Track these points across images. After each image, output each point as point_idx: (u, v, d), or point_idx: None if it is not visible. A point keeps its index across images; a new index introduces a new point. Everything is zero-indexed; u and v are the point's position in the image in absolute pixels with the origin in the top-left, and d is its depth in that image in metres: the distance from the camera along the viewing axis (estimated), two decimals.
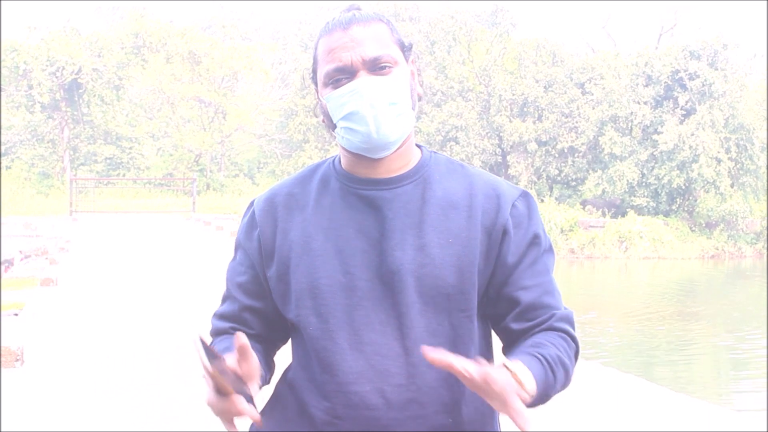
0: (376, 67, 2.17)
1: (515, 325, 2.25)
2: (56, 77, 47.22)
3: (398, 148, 2.23)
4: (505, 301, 2.25)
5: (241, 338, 1.95)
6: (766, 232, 42.29)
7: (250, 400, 2.01)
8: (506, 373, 1.96)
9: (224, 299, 2.40)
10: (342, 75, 2.17)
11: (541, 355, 2.12)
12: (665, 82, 43.90)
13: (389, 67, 2.19)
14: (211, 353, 1.94)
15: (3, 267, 20.51)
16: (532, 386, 2.02)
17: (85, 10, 68.69)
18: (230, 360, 1.99)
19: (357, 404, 2.16)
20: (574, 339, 2.24)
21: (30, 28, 51.04)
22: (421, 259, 2.18)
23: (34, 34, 50.41)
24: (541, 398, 2.08)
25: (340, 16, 2.25)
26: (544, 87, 45.86)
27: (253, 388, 2.02)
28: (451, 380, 2.17)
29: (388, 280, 2.18)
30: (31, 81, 46.57)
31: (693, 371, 16.32)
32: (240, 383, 1.98)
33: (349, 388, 2.17)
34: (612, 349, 17.69)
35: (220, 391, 1.98)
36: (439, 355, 1.92)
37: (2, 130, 48.11)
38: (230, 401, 1.98)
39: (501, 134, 45.25)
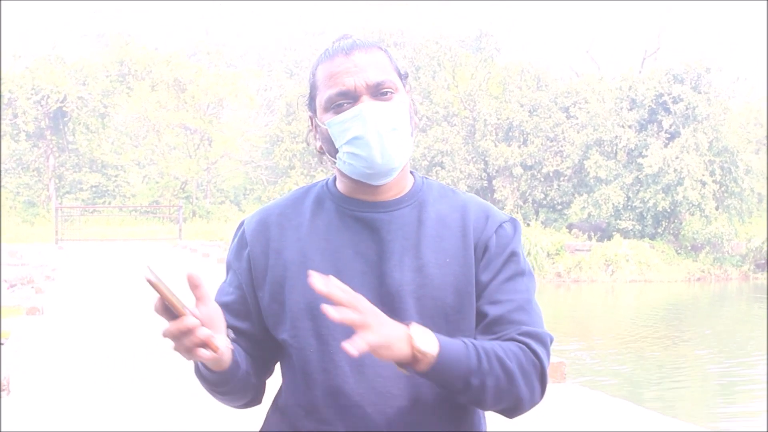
0: (378, 92, 2.18)
1: (481, 338, 2.19)
2: (41, 106, 47.21)
3: (397, 175, 2.24)
4: (477, 315, 2.23)
5: (193, 275, 1.99)
6: (752, 254, 42.33)
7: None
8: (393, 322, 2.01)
9: None
10: (344, 100, 2.17)
11: (471, 342, 2.09)
12: (649, 106, 44.03)
13: (391, 92, 2.19)
14: (166, 287, 1.94)
15: None
16: (429, 347, 2.00)
17: (70, 38, 68.72)
18: (188, 304, 1.99)
19: (359, 427, 2.15)
20: (535, 353, 2.15)
21: (15, 57, 51.04)
22: (420, 280, 2.18)
23: (18, 62, 50.43)
24: (458, 382, 2.05)
25: (340, 43, 2.25)
26: (529, 111, 45.98)
27: (218, 339, 2.01)
28: (451, 401, 2.18)
29: (388, 302, 2.16)
30: (16, 110, 46.57)
31: (681, 394, 16.32)
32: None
33: (352, 411, 2.16)
34: (599, 372, 17.68)
35: (172, 314, 1.97)
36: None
37: None
38: (184, 324, 1.97)
39: (486, 159, 45.32)
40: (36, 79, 46.92)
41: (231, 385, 2.21)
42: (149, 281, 1.90)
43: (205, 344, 1.98)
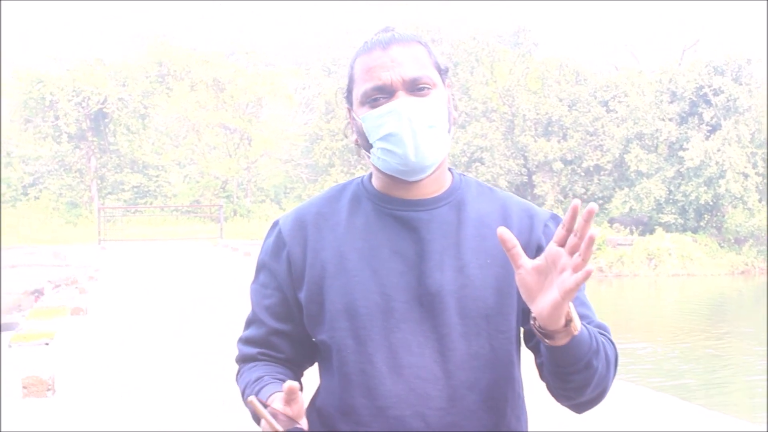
0: (415, 88, 2.14)
1: None
2: (82, 107, 47.54)
3: (434, 172, 2.20)
4: None
5: (291, 383, 1.95)
6: None
7: None
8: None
9: (249, 323, 2.36)
10: (380, 94, 2.14)
11: (585, 325, 2.07)
12: (690, 98, 43.77)
13: (428, 88, 2.15)
14: (264, 405, 1.97)
15: (33, 297, 20.62)
16: (577, 319, 1.99)
17: (109, 40, 69.21)
18: (278, 403, 2.00)
19: (396, 429, 2.12)
20: (613, 343, 2.18)
21: (55, 59, 51.48)
22: (462, 281, 2.15)
23: (59, 65, 50.85)
24: (581, 357, 2.03)
25: (379, 36, 2.21)
26: (568, 106, 45.81)
27: (303, 423, 2.01)
28: (491, 403, 2.16)
29: (427, 302, 2.14)
30: (57, 112, 46.91)
31: (727, 389, 16.18)
32: (292, 422, 1.98)
33: (389, 412, 2.12)
34: (643, 367, 17.58)
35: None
36: (507, 234, 1.93)
37: (30, 161, 48.58)
38: None
39: (526, 154, 45.21)
40: (76, 81, 47.26)
41: None
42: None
43: None
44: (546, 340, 2.01)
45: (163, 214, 46.26)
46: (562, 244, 1.91)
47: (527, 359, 2.27)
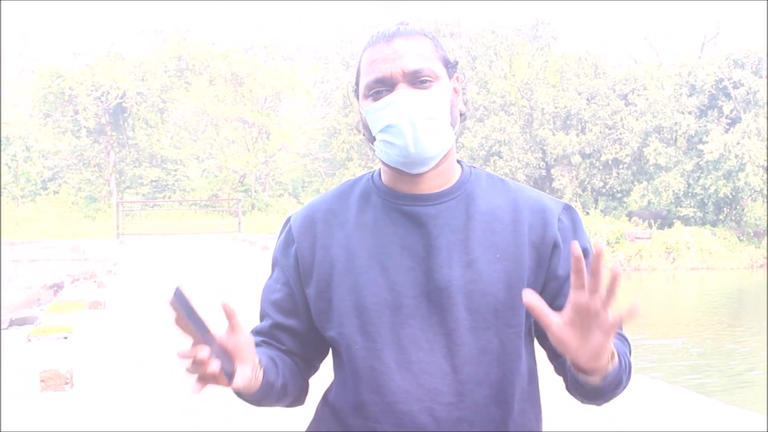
0: (416, 80, 2.13)
1: None
2: (101, 102, 47.71)
3: (439, 165, 2.19)
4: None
5: (228, 306, 1.99)
6: None
7: (230, 376, 1.96)
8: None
9: (260, 318, 2.38)
10: (382, 87, 2.14)
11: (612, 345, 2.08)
12: (709, 92, 43.59)
13: (430, 81, 2.14)
14: (193, 311, 1.96)
15: (53, 291, 20.71)
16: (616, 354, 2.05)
17: (129, 34, 69.38)
18: (218, 331, 1.99)
19: (406, 424, 2.12)
20: (628, 340, 2.23)
21: (75, 54, 51.71)
22: (470, 276, 2.14)
23: (78, 59, 51.04)
24: (614, 380, 2.08)
25: (384, 30, 2.22)
26: (587, 99, 45.69)
27: (242, 369, 2.00)
28: (500, 398, 2.15)
29: (436, 298, 2.13)
30: (76, 106, 47.10)
31: (745, 383, 16.11)
32: (224, 357, 1.96)
33: (398, 407, 2.12)
34: (661, 361, 17.53)
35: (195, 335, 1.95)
36: (533, 299, 1.90)
37: (49, 156, 48.82)
38: (196, 354, 1.94)
39: (544, 147, 45.12)
40: (96, 75, 47.45)
41: (264, 402, 2.23)
42: (171, 304, 1.89)
43: (213, 377, 1.94)
44: (586, 378, 2.05)
45: (182, 208, 46.39)
46: (580, 287, 1.92)
47: (542, 355, 2.26)
